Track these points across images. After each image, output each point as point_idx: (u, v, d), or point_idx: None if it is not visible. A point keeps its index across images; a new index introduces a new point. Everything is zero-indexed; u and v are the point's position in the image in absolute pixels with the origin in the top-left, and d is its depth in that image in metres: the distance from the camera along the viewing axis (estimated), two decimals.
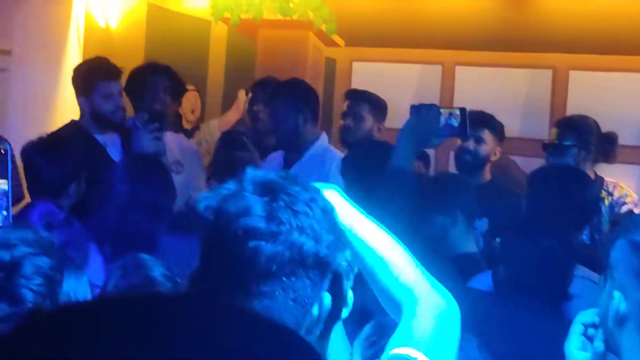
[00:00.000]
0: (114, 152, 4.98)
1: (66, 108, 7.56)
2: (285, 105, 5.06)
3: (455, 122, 3.66)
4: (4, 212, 2.29)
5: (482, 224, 4.34)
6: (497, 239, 3.80)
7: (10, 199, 2.34)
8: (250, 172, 1.80)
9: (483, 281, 3.48)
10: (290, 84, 5.27)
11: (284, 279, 1.71)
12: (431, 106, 3.62)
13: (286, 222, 1.70)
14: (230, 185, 1.80)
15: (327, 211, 1.78)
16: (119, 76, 5.09)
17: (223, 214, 1.74)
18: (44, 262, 2.07)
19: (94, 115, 5.03)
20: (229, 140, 5.49)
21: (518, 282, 3.18)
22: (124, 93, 5.14)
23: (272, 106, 5.19)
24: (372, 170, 3.59)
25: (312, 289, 1.74)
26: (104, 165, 4.58)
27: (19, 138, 5.36)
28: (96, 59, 5.17)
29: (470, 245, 3.98)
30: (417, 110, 3.59)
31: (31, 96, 7.35)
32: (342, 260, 1.84)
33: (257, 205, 1.72)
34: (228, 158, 5.34)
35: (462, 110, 3.69)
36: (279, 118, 5.08)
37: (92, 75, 5.04)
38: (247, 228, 1.70)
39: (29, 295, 2.04)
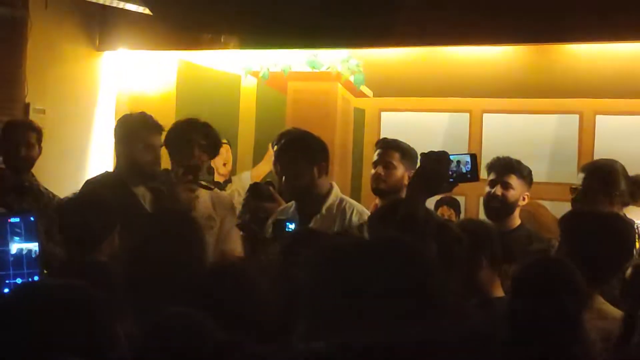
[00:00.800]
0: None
1: (98, 164, 7.69)
2: (298, 160, 5.07)
3: (464, 169, 3.70)
4: (36, 278, 2.36)
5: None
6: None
7: (41, 264, 2.41)
8: None
9: None
10: (300, 138, 5.28)
11: None
12: (440, 153, 3.66)
13: None
14: None
15: None
16: (160, 131, 5.21)
17: None
18: None
19: (132, 164, 5.13)
20: (256, 191, 5.56)
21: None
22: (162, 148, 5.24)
23: (284, 161, 5.16)
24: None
25: None
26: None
27: (56, 192, 5.49)
28: (141, 114, 5.30)
29: (497, 290, 4.02)
30: (427, 157, 3.63)
31: (66, 153, 7.47)
32: None
33: None
34: (256, 209, 5.40)
35: (472, 156, 3.73)
36: (293, 173, 5.09)
37: (135, 126, 5.17)
38: None
39: None
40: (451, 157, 3.65)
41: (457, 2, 6.13)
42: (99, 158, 7.76)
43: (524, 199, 5.39)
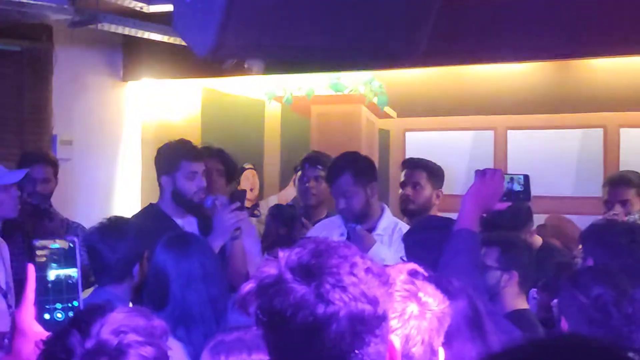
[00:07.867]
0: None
1: (126, 193, 7.75)
2: (352, 182, 5.05)
3: (518, 187, 3.73)
4: (75, 303, 2.38)
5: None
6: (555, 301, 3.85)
7: (80, 289, 2.43)
8: (285, 256, 1.78)
9: None
10: (351, 159, 5.24)
11: (357, 351, 1.69)
12: (495, 171, 3.68)
13: (340, 301, 1.67)
14: (270, 276, 1.76)
15: (370, 269, 1.74)
16: (202, 158, 5.12)
17: (276, 314, 1.70)
18: (147, 352, 2.05)
19: (175, 194, 5.02)
20: (278, 214, 5.57)
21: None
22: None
23: (336, 184, 5.12)
24: (435, 248, 3.59)
25: (383, 344, 1.73)
26: None
27: (85, 222, 5.53)
28: (180, 141, 5.19)
29: (523, 303, 4.06)
30: (482, 174, 3.64)
31: (93, 183, 7.54)
32: None
33: (308, 297, 1.69)
34: (277, 232, 5.42)
35: (525, 176, 3.76)
36: (347, 195, 5.06)
37: (177, 155, 5.05)
38: (305, 322, 1.67)
39: None
40: (504, 175, 3.69)
41: (478, 20, 6.13)
42: (126, 187, 7.82)
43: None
